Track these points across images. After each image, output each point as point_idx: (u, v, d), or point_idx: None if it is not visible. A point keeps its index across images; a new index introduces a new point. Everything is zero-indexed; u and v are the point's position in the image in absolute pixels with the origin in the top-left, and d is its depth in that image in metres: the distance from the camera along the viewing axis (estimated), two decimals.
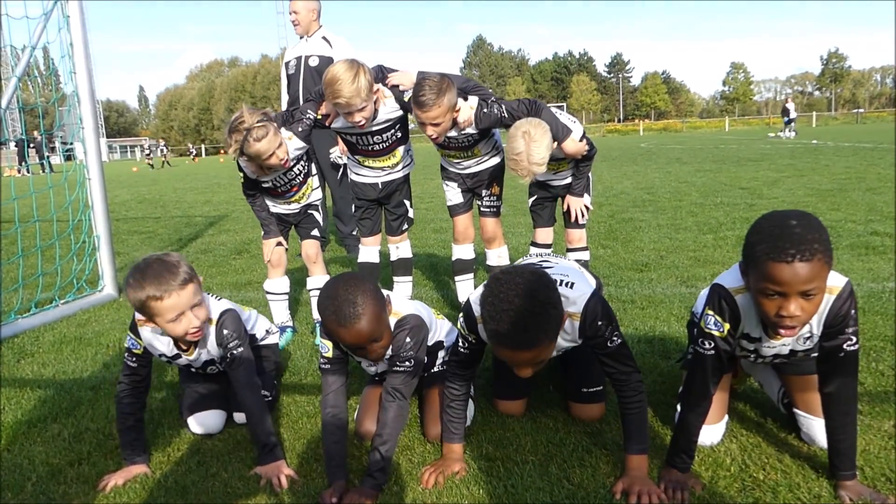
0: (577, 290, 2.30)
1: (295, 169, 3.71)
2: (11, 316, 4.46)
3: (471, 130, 3.55)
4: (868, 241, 5.79)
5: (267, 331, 3.16)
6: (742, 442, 2.44)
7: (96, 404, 3.05)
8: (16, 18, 4.60)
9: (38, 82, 5.52)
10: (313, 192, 3.94)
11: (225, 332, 2.54)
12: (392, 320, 2.42)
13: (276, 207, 3.89)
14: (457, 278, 4.16)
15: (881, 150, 17.67)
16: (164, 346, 2.58)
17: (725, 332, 2.12)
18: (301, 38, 5.91)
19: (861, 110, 72.95)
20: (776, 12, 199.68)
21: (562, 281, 2.32)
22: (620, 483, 2.15)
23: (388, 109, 3.54)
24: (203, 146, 67.13)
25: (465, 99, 3.46)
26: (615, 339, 2.28)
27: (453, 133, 3.57)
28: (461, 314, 2.44)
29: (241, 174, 3.72)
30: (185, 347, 2.59)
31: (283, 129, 3.53)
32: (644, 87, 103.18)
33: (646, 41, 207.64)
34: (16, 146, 24.24)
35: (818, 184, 10.55)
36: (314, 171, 3.91)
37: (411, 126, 3.79)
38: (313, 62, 5.82)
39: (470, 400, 2.75)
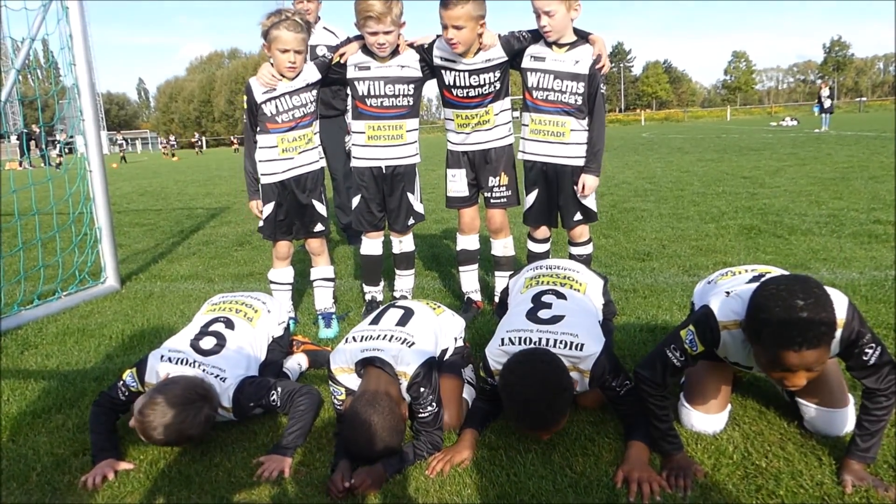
0: (586, 350, 2.39)
1: (303, 96, 3.61)
2: (14, 308, 4.47)
3: (496, 53, 3.56)
4: (871, 230, 5.78)
5: (279, 324, 3.20)
6: (744, 430, 2.44)
7: None
8: (14, 10, 4.58)
9: (38, 75, 5.49)
10: (313, 150, 3.76)
11: (251, 404, 2.62)
12: (403, 383, 2.46)
13: (277, 172, 3.69)
14: (461, 268, 4.15)
15: (884, 139, 17.62)
16: None
17: (698, 352, 2.23)
18: None
19: (864, 99, 72.64)
20: (779, 7, 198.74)
21: (571, 344, 2.40)
22: (621, 471, 2.17)
23: (408, 57, 3.65)
24: (204, 138, 67.08)
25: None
26: (625, 385, 2.41)
27: (480, 58, 3.55)
28: (480, 364, 2.58)
29: (245, 105, 3.65)
30: None
31: None
32: (645, 76, 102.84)
33: (647, 31, 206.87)
34: (17, 139, 24.19)
35: (820, 172, 10.53)
36: (317, 128, 3.78)
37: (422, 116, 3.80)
38: (321, 52, 5.78)
39: (470, 386, 2.76)
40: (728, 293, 2.24)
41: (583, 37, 3.55)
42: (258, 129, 3.65)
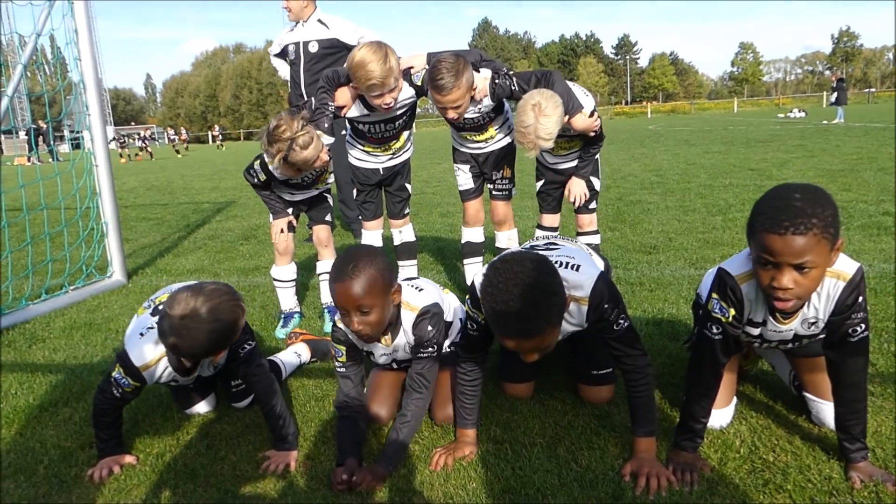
0: (583, 272, 2.26)
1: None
2: (23, 302, 4.49)
3: (486, 102, 3.50)
4: (880, 222, 5.73)
5: None
6: (752, 424, 2.43)
7: None
8: (20, 5, 4.59)
9: (46, 70, 5.50)
10: (329, 175, 3.88)
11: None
12: (409, 315, 2.41)
13: (291, 196, 3.83)
14: (466, 261, 4.16)
15: (892, 130, 17.46)
16: (166, 376, 2.48)
17: (731, 317, 2.11)
18: (296, 23, 5.82)
19: (872, 90, 72.06)
20: None
21: (567, 263, 2.29)
22: (629, 465, 2.15)
23: (404, 95, 3.50)
24: (210, 133, 67.06)
25: (478, 71, 3.41)
26: (622, 321, 2.24)
27: (470, 111, 3.53)
28: (467, 296, 2.42)
29: (255, 178, 3.58)
30: (184, 374, 2.52)
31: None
32: (652, 68, 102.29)
33: (653, 22, 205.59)
34: (25, 135, 24.32)
35: (829, 164, 10.45)
36: (332, 166, 3.85)
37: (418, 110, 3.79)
38: (313, 48, 5.75)
39: None
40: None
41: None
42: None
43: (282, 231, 3.77)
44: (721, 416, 2.40)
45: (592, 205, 3.90)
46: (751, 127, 25.62)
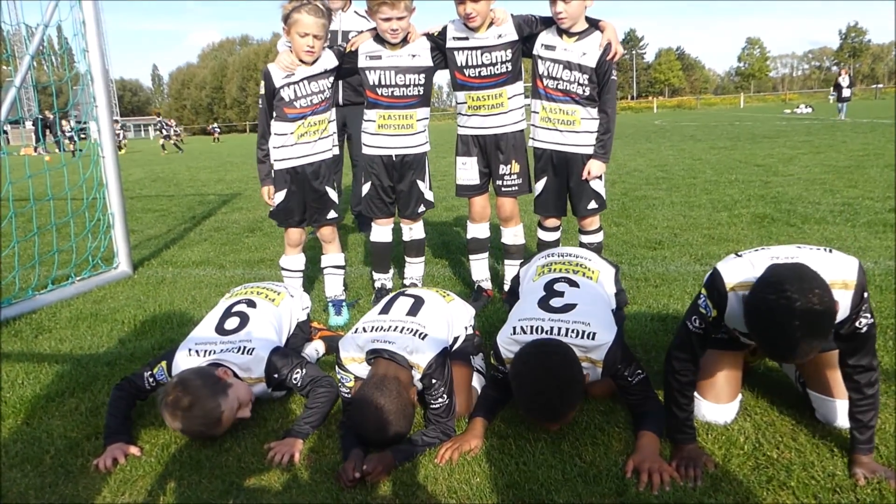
0: (598, 339, 2.37)
1: (321, 82, 3.62)
2: (29, 292, 4.51)
3: (507, 30, 3.54)
4: (886, 219, 5.71)
5: (303, 308, 3.33)
6: (756, 420, 2.43)
7: (112, 379, 3.07)
8: None
9: (53, 61, 5.50)
10: (328, 138, 3.78)
11: (275, 375, 2.67)
12: (416, 374, 2.46)
13: (291, 158, 3.69)
14: (472, 257, 4.15)
15: None
16: None
17: (712, 317, 2.19)
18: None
19: (880, 86, 71.60)
20: None
21: (583, 332, 2.38)
22: (632, 461, 2.16)
23: (419, 46, 3.67)
24: (216, 124, 66.80)
25: None
26: (637, 375, 2.41)
27: (491, 34, 3.54)
28: (491, 352, 2.58)
29: (262, 91, 3.62)
30: None
31: None
32: (658, 63, 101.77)
33: (660, 16, 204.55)
34: (32, 125, 24.32)
35: (835, 161, 10.41)
36: (333, 116, 3.82)
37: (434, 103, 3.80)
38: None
39: (480, 375, 2.77)
40: (739, 255, 2.22)
41: (593, 24, 3.52)
42: (274, 115, 3.65)
43: (270, 199, 3.79)
44: (726, 412, 2.41)
45: (591, 205, 3.77)
46: (757, 122, 25.53)
